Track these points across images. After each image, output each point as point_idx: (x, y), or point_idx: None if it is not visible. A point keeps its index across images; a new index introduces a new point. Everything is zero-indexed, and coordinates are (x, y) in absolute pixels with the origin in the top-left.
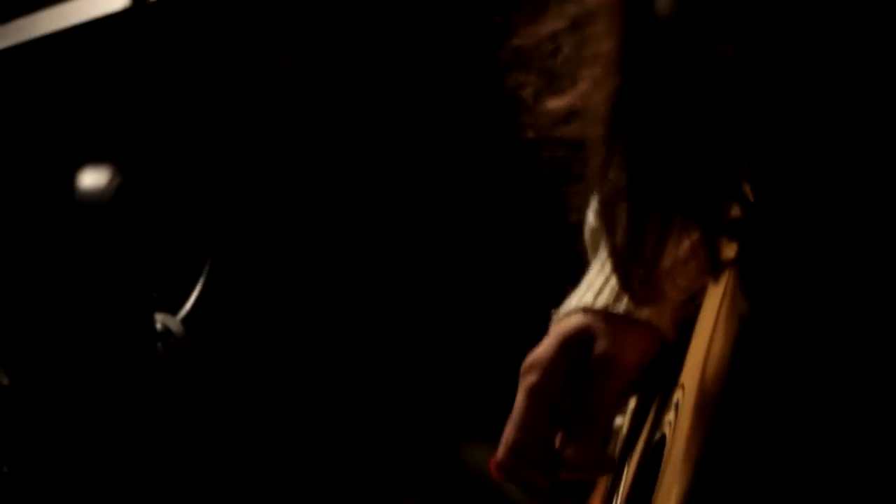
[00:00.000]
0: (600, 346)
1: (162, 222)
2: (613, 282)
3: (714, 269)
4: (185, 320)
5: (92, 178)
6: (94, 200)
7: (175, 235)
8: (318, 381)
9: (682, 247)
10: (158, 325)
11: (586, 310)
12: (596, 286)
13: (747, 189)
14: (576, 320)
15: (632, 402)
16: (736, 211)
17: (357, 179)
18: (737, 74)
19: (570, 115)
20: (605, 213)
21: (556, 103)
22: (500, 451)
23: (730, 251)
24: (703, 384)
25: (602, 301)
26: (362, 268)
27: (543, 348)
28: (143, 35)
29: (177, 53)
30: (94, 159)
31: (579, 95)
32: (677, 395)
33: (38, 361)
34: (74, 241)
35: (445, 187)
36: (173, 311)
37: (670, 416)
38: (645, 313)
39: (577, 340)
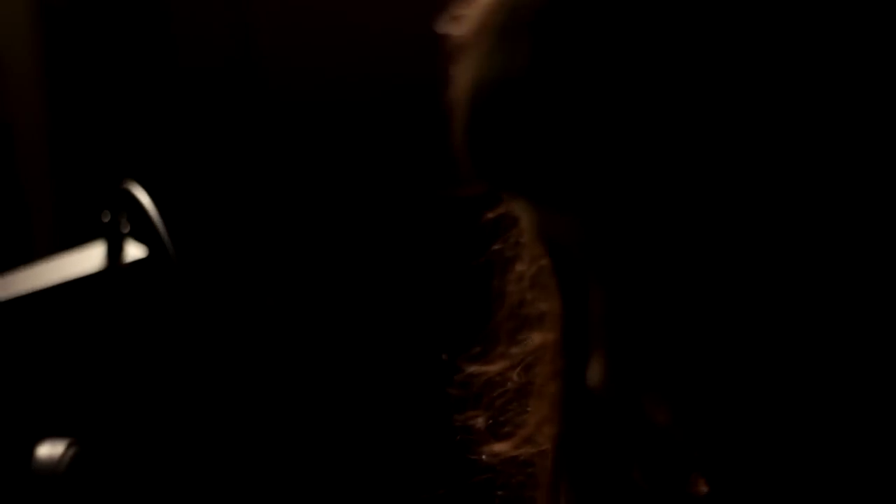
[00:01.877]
0: None
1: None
2: None
3: None
4: None
5: (47, 450)
6: (49, 471)
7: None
8: None
9: None
10: None
11: None
12: None
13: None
14: None
15: None
16: None
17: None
18: (673, 430)
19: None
20: None
21: (500, 447)
22: None
23: None
24: None
25: None
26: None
27: None
28: (118, 296)
29: (153, 314)
30: (60, 425)
31: (523, 440)
32: None
33: None
34: None
35: None
36: None
37: None
38: None
39: None
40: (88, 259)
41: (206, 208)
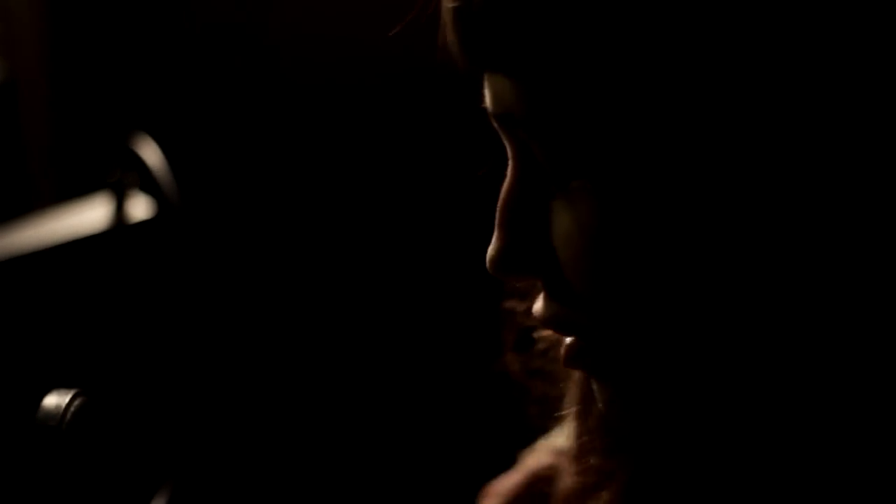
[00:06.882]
0: (564, 483)
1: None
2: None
3: None
4: None
5: (53, 400)
6: (53, 421)
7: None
8: None
9: None
10: None
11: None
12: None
13: None
14: (545, 457)
15: None
16: None
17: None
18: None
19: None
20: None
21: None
22: None
23: None
24: None
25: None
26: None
27: (508, 479)
28: (123, 256)
29: (156, 274)
30: (64, 382)
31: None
32: None
33: None
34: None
35: None
36: None
37: None
38: None
39: (544, 477)
40: (93, 216)
41: (217, 165)
